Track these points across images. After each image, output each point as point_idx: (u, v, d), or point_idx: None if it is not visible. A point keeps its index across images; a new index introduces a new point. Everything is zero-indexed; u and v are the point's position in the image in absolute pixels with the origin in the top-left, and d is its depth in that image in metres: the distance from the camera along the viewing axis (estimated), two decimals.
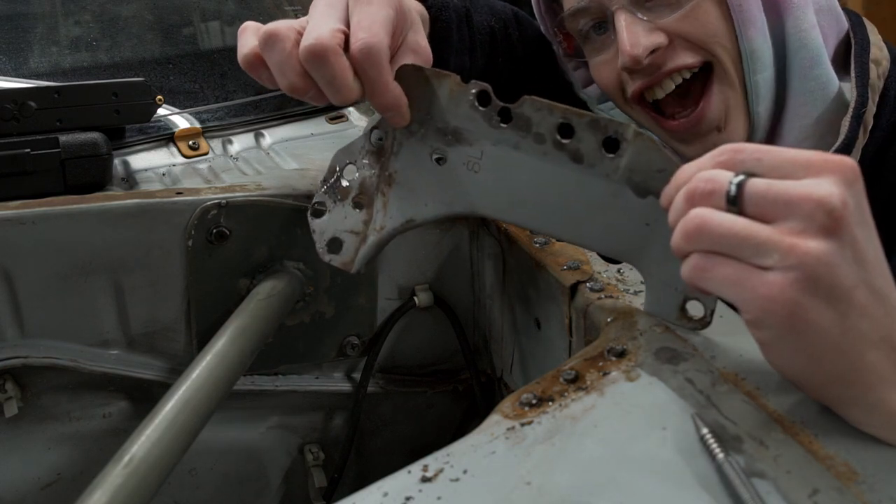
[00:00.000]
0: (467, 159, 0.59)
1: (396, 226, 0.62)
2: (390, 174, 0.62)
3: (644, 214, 0.54)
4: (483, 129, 0.58)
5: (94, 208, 0.69)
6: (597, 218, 0.56)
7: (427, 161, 0.60)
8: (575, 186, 0.56)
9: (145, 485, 0.50)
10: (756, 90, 0.73)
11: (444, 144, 0.59)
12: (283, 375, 0.80)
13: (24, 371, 0.71)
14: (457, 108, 0.58)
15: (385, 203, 0.62)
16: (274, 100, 1.05)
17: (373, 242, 0.63)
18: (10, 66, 1.01)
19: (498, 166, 0.58)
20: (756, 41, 0.71)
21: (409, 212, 0.62)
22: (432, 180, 0.61)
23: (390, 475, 0.41)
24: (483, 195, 0.59)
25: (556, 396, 0.47)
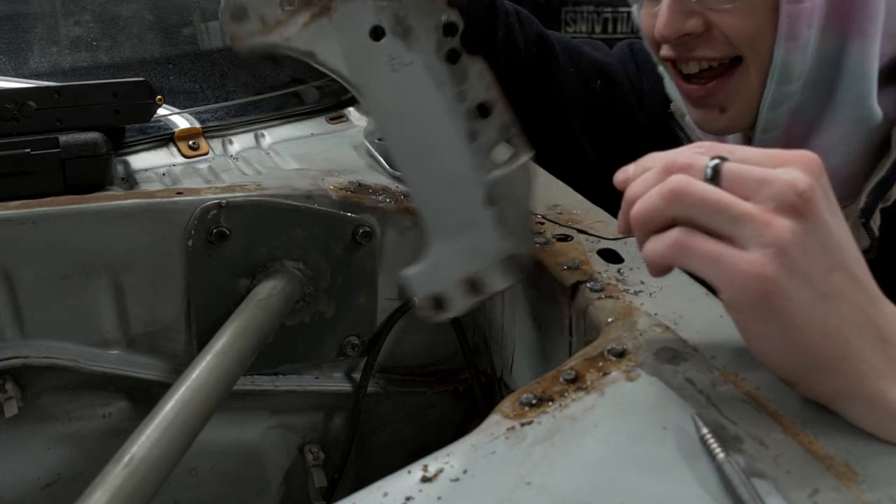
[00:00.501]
0: (396, 56, 0.61)
1: (298, 48, 0.62)
2: (330, 6, 0.61)
3: (476, 217, 0.62)
4: (429, 50, 0.60)
5: (94, 208, 0.69)
6: (441, 186, 0.62)
7: (366, 26, 0.61)
8: (450, 151, 0.61)
9: (145, 485, 0.50)
10: (772, 98, 0.71)
11: (390, 29, 0.60)
12: (283, 375, 0.80)
13: (24, 371, 0.71)
14: (425, 17, 0.60)
15: (307, 24, 0.61)
16: (274, 100, 1.05)
17: (269, 42, 0.61)
18: (10, 66, 1.01)
19: (411, 83, 0.61)
20: (792, 55, 0.69)
21: (318, 47, 0.61)
22: (356, 42, 0.61)
23: (390, 475, 0.41)
24: (380, 88, 0.61)
25: (556, 396, 0.47)
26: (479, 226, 0.62)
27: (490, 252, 0.63)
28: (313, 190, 0.75)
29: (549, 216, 0.73)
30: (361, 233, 0.75)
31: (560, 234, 0.69)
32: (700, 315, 0.55)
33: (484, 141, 0.61)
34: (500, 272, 0.63)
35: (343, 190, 0.77)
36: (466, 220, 0.62)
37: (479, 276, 0.63)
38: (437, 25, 0.61)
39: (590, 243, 0.67)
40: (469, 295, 0.64)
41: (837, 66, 0.70)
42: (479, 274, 0.63)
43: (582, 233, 0.69)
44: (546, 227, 0.71)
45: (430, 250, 0.63)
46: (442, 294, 0.63)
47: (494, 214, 0.62)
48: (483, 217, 0.62)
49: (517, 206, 0.63)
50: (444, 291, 0.63)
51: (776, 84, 0.70)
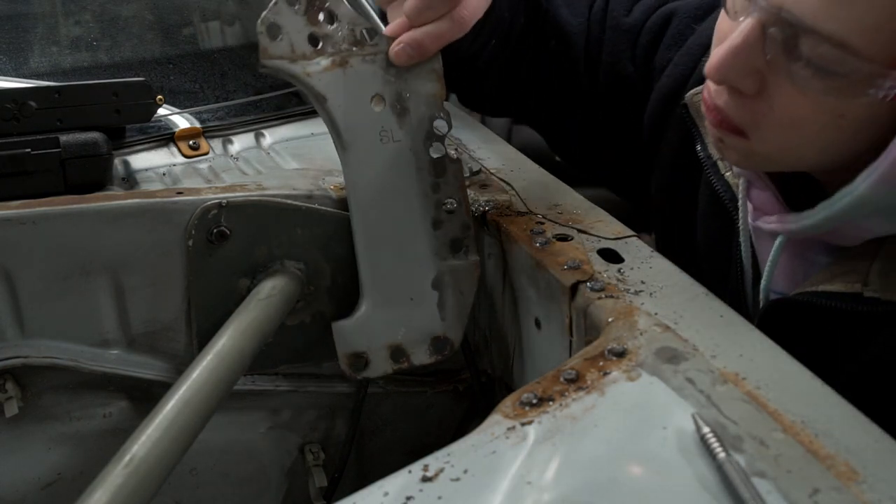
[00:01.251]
0: (387, 129, 0.68)
1: (315, 87, 0.67)
2: (348, 61, 0.68)
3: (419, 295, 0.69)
4: (418, 136, 0.68)
5: (94, 208, 0.69)
6: (394, 260, 0.69)
7: (371, 91, 0.68)
8: (413, 233, 0.68)
9: (146, 485, 0.50)
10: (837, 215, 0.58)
11: (390, 103, 0.68)
12: (283, 375, 0.80)
13: (24, 371, 0.71)
14: (423, 106, 0.68)
15: (327, 69, 0.67)
16: (274, 100, 1.05)
17: (292, 72, 0.67)
18: (10, 66, 1.01)
19: (394, 159, 0.68)
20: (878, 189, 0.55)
21: (330, 94, 0.67)
22: (358, 102, 0.67)
23: (391, 475, 0.41)
24: (363, 153, 0.68)
25: (557, 396, 0.47)
26: (419, 304, 0.69)
27: (423, 328, 0.70)
28: (313, 190, 0.75)
29: (549, 216, 0.73)
30: None
31: (560, 234, 0.69)
32: (700, 315, 0.55)
33: (445, 232, 0.69)
34: (426, 349, 0.70)
35: (343, 190, 0.77)
36: (409, 295, 0.69)
37: (406, 347, 0.70)
38: (431, 118, 0.68)
39: (590, 243, 0.67)
40: (390, 361, 0.70)
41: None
42: (406, 346, 0.70)
43: (582, 233, 0.69)
44: (546, 227, 0.71)
45: (361, 310, 0.69)
46: (364, 354, 0.69)
47: (438, 297, 0.69)
48: (427, 296, 0.69)
49: (460, 297, 0.70)
50: (366, 352, 0.69)
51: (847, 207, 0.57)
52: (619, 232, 0.69)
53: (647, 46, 0.87)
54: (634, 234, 0.69)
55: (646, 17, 0.88)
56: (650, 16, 0.87)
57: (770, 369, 0.48)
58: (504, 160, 0.86)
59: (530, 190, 0.78)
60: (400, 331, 0.69)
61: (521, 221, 0.72)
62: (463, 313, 0.71)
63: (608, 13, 0.90)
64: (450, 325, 0.70)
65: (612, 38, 0.88)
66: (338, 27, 0.67)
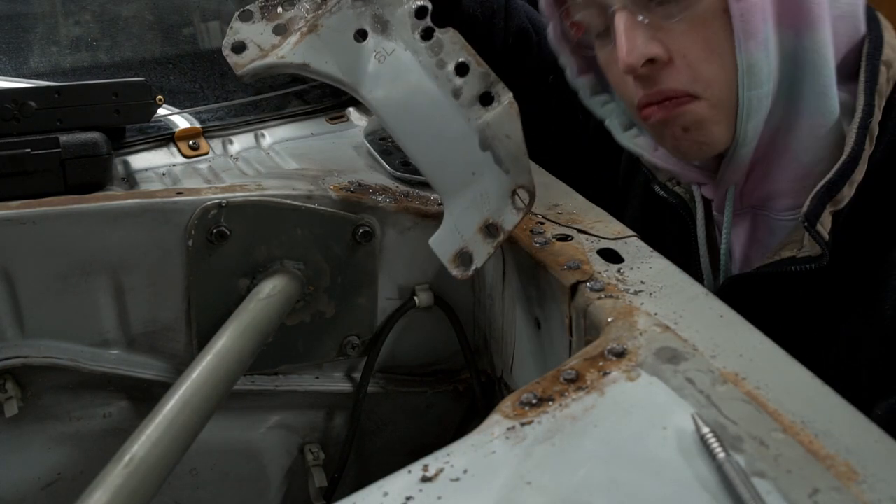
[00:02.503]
0: (380, 49, 0.69)
1: (293, 62, 0.70)
2: (317, 24, 0.70)
3: (476, 164, 0.66)
4: (406, 35, 0.69)
5: (94, 208, 0.69)
6: (440, 146, 0.68)
7: (350, 32, 0.69)
8: (440, 113, 0.67)
9: (146, 485, 0.50)
10: (748, 106, 0.70)
11: (371, 28, 0.69)
12: (283, 375, 0.80)
13: (24, 371, 0.71)
14: (397, 8, 0.69)
15: (297, 42, 0.70)
16: (274, 100, 1.05)
17: (267, 63, 0.70)
18: (10, 66, 1.01)
19: (397, 67, 0.69)
20: (755, 55, 0.68)
21: (311, 59, 0.70)
22: (343, 48, 0.70)
23: (391, 475, 0.41)
24: (371, 80, 0.69)
25: (557, 396, 0.47)
26: (481, 172, 0.67)
27: (496, 191, 0.67)
28: (313, 190, 0.75)
29: (549, 216, 0.73)
30: (361, 233, 0.75)
31: (560, 234, 0.69)
32: (700, 315, 0.55)
33: (468, 94, 0.67)
34: (510, 208, 0.66)
35: (343, 190, 0.77)
36: (469, 171, 0.67)
37: (493, 219, 0.66)
38: (410, 12, 0.69)
39: (590, 243, 0.67)
40: (489, 240, 0.67)
41: (797, 60, 0.69)
42: (492, 217, 0.66)
43: (582, 233, 0.69)
44: (546, 227, 0.71)
45: (445, 214, 0.68)
46: (464, 249, 0.67)
47: (491, 155, 0.66)
48: (482, 161, 0.67)
49: (510, 142, 0.66)
50: (465, 246, 0.67)
51: (747, 90, 0.69)
52: (619, 232, 0.69)
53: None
54: (634, 235, 0.69)
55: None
56: None
57: (770, 369, 0.48)
58: None
59: None
60: (481, 207, 0.67)
61: (521, 221, 0.72)
62: (520, 156, 0.66)
63: None
64: (516, 173, 0.66)
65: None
66: (298, 6, 0.70)
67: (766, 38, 0.68)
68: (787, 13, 0.68)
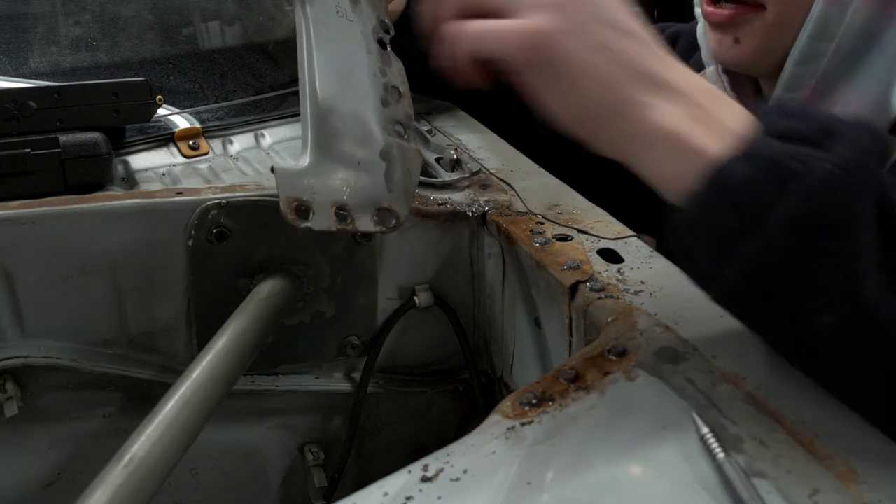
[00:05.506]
0: (341, 8, 0.69)
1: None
2: None
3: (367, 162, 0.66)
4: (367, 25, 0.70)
5: (94, 208, 0.69)
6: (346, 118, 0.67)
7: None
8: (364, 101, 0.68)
9: (146, 485, 0.50)
10: (801, 51, 0.69)
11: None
12: (283, 375, 0.80)
13: (24, 371, 0.71)
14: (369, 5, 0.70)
15: None
16: (274, 100, 1.05)
17: None
18: (10, 66, 1.01)
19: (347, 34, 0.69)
20: (832, 8, 0.67)
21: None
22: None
23: (390, 475, 0.41)
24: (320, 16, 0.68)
25: (557, 396, 0.47)
26: (367, 169, 0.66)
27: (369, 195, 0.66)
28: None
29: (549, 216, 0.73)
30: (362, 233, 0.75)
31: (560, 234, 0.69)
32: (700, 315, 0.55)
33: (392, 112, 0.68)
34: (370, 216, 0.65)
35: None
36: (357, 158, 0.66)
37: (351, 209, 0.65)
38: (378, 17, 0.71)
39: (590, 243, 0.67)
40: (335, 219, 0.64)
41: (874, 39, 0.68)
42: (351, 208, 0.65)
43: (582, 233, 0.69)
44: (546, 227, 0.71)
45: (306, 160, 0.65)
46: (307, 203, 0.63)
47: (385, 168, 0.66)
48: (374, 165, 0.66)
49: (406, 174, 0.67)
50: (310, 202, 0.63)
51: (809, 38, 0.68)
52: (619, 232, 0.69)
53: None
54: (634, 234, 0.69)
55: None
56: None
57: (770, 369, 0.48)
58: (504, 160, 0.86)
59: (530, 190, 0.78)
60: (345, 190, 0.65)
61: (521, 221, 0.72)
62: (409, 190, 0.68)
63: None
64: (396, 197, 0.66)
65: None
66: None
67: (850, 2, 0.67)
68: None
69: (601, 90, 0.45)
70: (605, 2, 0.46)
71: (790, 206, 0.39)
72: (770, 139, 0.41)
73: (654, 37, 0.47)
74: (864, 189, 0.39)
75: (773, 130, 0.42)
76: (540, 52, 0.45)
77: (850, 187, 0.39)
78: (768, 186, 0.39)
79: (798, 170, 0.39)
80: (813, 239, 0.39)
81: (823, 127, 0.41)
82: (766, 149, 0.41)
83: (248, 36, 1.15)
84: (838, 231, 0.39)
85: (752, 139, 0.42)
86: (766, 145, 0.41)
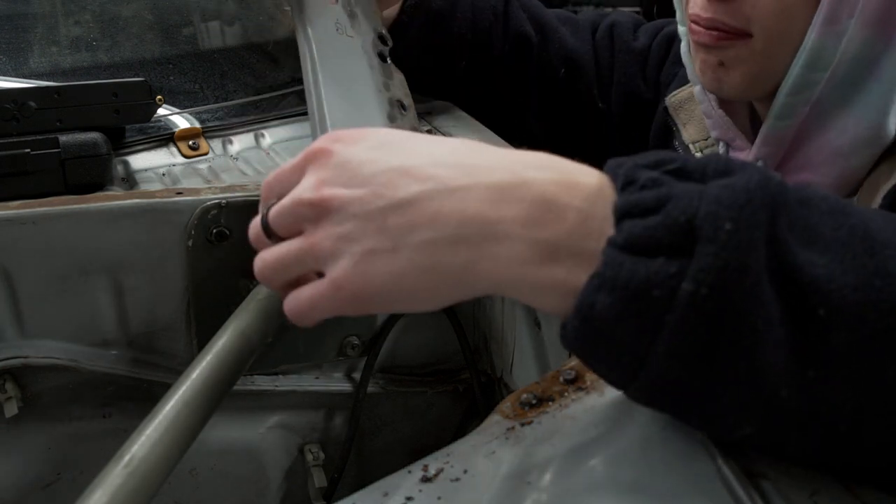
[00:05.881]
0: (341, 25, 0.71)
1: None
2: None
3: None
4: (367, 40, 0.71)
5: (94, 208, 0.69)
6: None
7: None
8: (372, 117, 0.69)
9: (145, 485, 0.50)
10: (793, 81, 0.67)
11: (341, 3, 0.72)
12: (283, 375, 0.80)
13: (24, 371, 0.71)
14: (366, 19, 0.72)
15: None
16: (274, 100, 1.05)
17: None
18: (10, 66, 1.01)
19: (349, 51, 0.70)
20: (826, 39, 0.64)
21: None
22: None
23: (390, 475, 0.41)
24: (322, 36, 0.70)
25: (556, 396, 0.47)
26: None
27: None
28: None
29: None
30: None
31: None
32: None
33: (400, 127, 0.68)
34: None
35: None
36: None
37: None
38: (375, 29, 0.71)
39: None
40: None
41: (871, 66, 0.65)
42: None
43: None
44: None
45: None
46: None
47: None
48: None
49: None
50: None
51: (802, 68, 0.66)
52: None
53: (655, 66, 0.97)
54: None
55: (651, 39, 0.99)
56: (655, 37, 0.98)
57: None
58: None
59: None
60: None
61: None
62: None
63: (615, 39, 1.01)
64: None
65: (623, 59, 0.99)
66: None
67: (845, 31, 0.64)
68: (882, 18, 0.64)
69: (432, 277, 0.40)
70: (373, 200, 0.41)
71: (667, 340, 0.35)
72: (626, 258, 0.35)
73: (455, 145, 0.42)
74: (745, 287, 0.34)
75: (629, 241, 0.36)
76: (354, 299, 0.42)
77: (729, 297, 0.34)
78: (640, 323, 0.35)
79: (664, 299, 0.34)
80: (701, 364, 0.35)
81: (684, 224, 0.35)
82: (624, 275, 0.35)
83: (248, 36, 1.15)
84: (730, 349, 0.35)
85: (606, 262, 0.36)
86: (624, 269, 0.35)
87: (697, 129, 0.85)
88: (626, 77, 0.98)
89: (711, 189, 0.36)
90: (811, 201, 0.38)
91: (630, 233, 0.36)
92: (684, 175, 0.38)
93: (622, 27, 1.01)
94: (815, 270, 0.35)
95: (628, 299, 0.35)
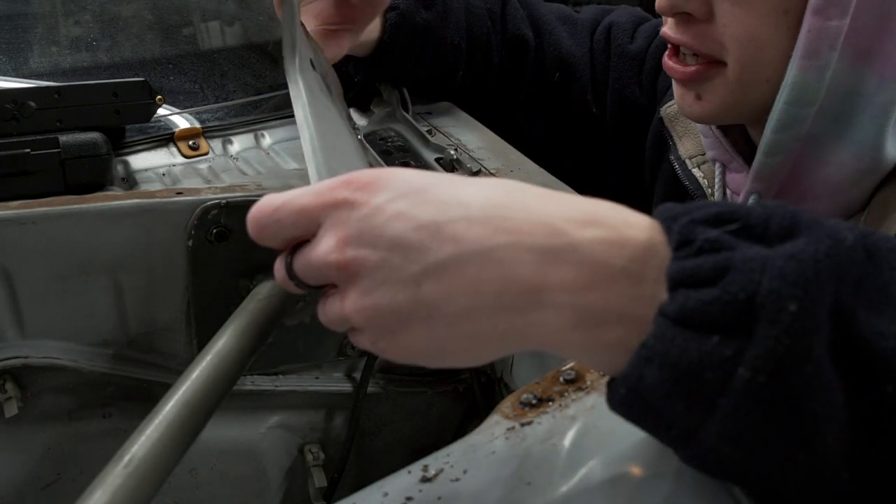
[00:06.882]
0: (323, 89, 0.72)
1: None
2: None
3: None
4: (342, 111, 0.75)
5: (94, 208, 0.69)
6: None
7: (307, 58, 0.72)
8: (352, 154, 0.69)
9: (145, 485, 0.50)
10: (778, 118, 0.64)
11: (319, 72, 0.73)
12: (283, 375, 0.80)
13: (24, 371, 0.71)
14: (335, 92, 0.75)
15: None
16: (274, 100, 1.05)
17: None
18: (10, 66, 1.01)
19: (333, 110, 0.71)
20: (808, 73, 0.62)
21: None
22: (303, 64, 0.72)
23: (390, 475, 0.41)
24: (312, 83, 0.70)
25: (556, 396, 0.47)
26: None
27: None
28: None
29: None
30: None
31: None
32: None
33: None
34: None
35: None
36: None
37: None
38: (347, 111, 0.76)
39: None
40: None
41: (861, 98, 0.63)
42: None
43: None
44: None
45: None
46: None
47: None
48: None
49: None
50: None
51: (786, 104, 0.63)
52: None
53: (651, 71, 0.94)
54: None
55: (648, 42, 0.95)
56: (652, 41, 0.95)
57: None
58: (504, 160, 0.86)
59: None
60: None
61: None
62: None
63: (611, 41, 0.97)
64: None
65: (618, 64, 0.96)
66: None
67: (827, 64, 0.62)
68: (863, 49, 0.61)
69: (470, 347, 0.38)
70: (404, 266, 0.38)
71: (719, 422, 0.33)
72: (678, 331, 0.33)
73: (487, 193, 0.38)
74: (807, 373, 0.32)
75: (682, 314, 0.33)
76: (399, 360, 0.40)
77: (789, 384, 0.32)
78: (691, 402, 0.33)
79: (718, 381, 0.32)
80: (756, 448, 0.34)
81: (744, 302, 0.32)
82: (675, 352, 0.33)
83: (248, 36, 1.15)
84: (788, 435, 0.33)
85: (657, 335, 0.34)
86: (676, 346, 0.33)
87: (694, 143, 0.83)
88: (621, 82, 0.95)
89: (776, 260, 0.32)
90: (879, 253, 0.35)
91: (683, 305, 0.33)
92: (745, 234, 0.35)
93: (619, 28, 0.98)
94: (883, 343, 0.32)
95: (679, 378, 0.33)
